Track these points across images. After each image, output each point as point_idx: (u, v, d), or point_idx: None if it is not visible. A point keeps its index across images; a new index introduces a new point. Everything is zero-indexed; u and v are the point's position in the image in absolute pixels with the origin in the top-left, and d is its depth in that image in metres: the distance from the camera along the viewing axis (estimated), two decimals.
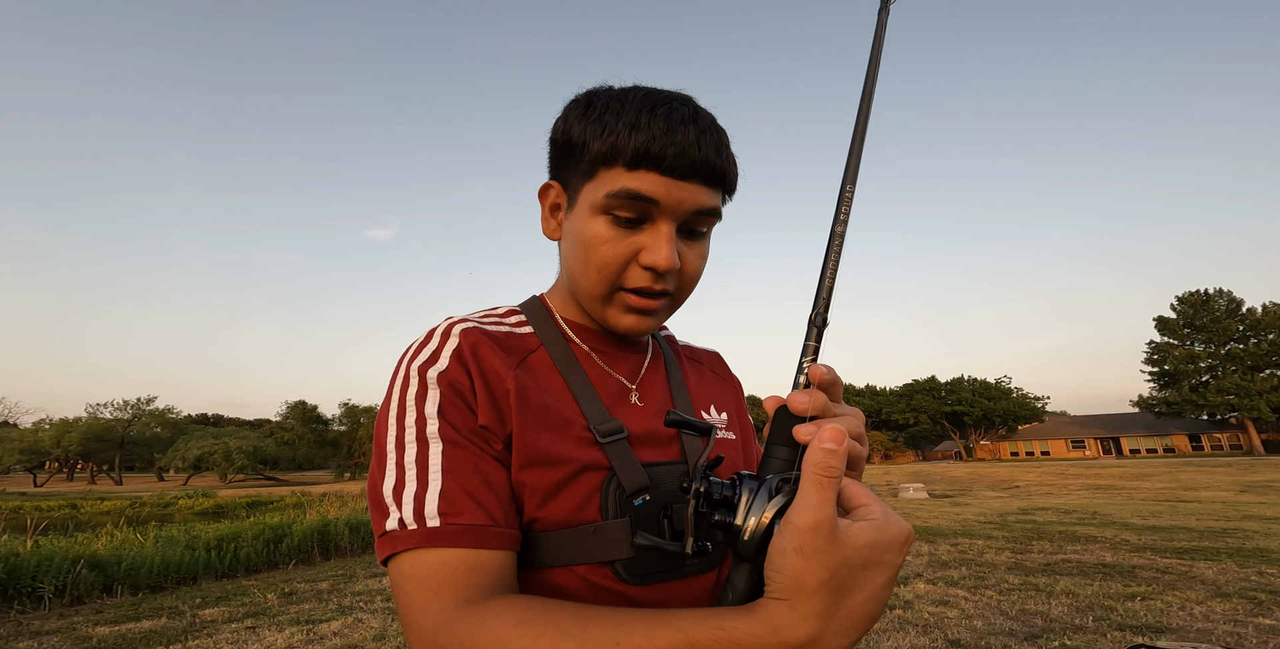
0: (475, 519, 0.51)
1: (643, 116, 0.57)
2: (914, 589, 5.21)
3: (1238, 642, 3.64)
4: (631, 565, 0.58)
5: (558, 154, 0.64)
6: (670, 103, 0.59)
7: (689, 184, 0.58)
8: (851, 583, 0.38)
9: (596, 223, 0.60)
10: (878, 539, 0.39)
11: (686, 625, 0.41)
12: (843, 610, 0.38)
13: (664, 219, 0.59)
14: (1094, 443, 57.66)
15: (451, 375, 0.57)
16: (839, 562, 0.37)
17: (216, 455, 51.59)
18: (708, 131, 0.59)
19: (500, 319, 0.68)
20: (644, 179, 0.57)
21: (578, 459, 0.58)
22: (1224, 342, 51.03)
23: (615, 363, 0.69)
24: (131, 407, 59.24)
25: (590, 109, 0.61)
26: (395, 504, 0.52)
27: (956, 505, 13.47)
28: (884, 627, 4.15)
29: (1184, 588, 4.97)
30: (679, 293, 0.64)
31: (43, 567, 5.78)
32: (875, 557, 0.39)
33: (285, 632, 4.49)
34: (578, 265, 0.63)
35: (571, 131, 0.61)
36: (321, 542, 8.72)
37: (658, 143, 0.56)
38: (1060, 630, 3.95)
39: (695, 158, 0.57)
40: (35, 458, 54.51)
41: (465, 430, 0.55)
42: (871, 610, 0.39)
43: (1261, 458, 36.36)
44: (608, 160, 0.58)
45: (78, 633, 4.60)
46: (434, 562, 0.49)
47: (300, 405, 60.82)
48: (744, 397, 0.87)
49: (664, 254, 0.58)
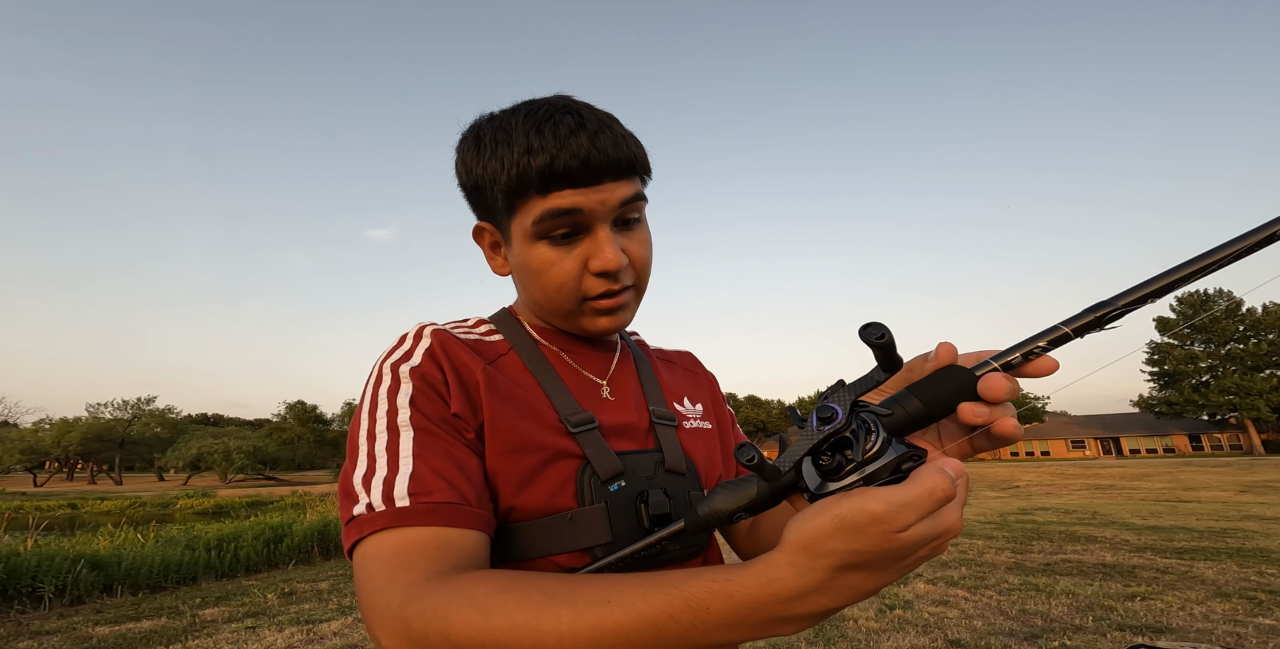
0: (446, 497, 0.51)
1: (532, 139, 0.57)
2: (914, 589, 5.21)
3: (1238, 642, 3.64)
4: (612, 551, 0.57)
5: (473, 198, 0.66)
6: (552, 116, 0.59)
7: (604, 185, 0.59)
8: (863, 567, 0.38)
9: (538, 249, 0.61)
10: (911, 545, 0.37)
11: (680, 580, 0.41)
12: (839, 582, 0.38)
13: (596, 223, 0.60)
14: (1094, 443, 57.65)
15: (424, 369, 0.59)
16: (867, 550, 0.37)
17: (216, 455, 51.63)
18: (599, 131, 0.59)
19: (470, 329, 0.70)
20: (560, 197, 0.58)
21: (550, 446, 0.59)
22: (1224, 342, 51.04)
23: (584, 361, 0.71)
24: (131, 407, 59.29)
25: (480, 146, 0.61)
26: (364, 490, 0.52)
27: None
28: (884, 627, 4.15)
29: (1184, 588, 4.97)
30: (639, 282, 0.66)
31: (43, 567, 5.77)
32: (898, 559, 0.39)
33: (285, 632, 4.49)
34: (537, 292, 0.64)
35: (474, 174, 0.62)
36: (321, 542, 8.72)
37: (557, 161, 0.57)
38: (1060, 630, 3.95)
39: (598, 161, 0.57)
40: (35, 458, 54.56)
41: (437, 418, 0.56)
42: (867, 588, 0.39)
43: (1261, 458, 36.38)
44: (519, 192, 0.59)
45: (78, 633, 4.61)
46: (403, 540, 0.48)
47: (299, 405, 60.84)
48: (719, 389, 0.88)
49: (609, 255, 0.59)
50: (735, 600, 0.39)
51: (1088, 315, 0.41)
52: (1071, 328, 0.41)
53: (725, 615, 0.40)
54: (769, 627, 0.40)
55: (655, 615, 0.40)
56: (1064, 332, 0.41)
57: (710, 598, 0.40)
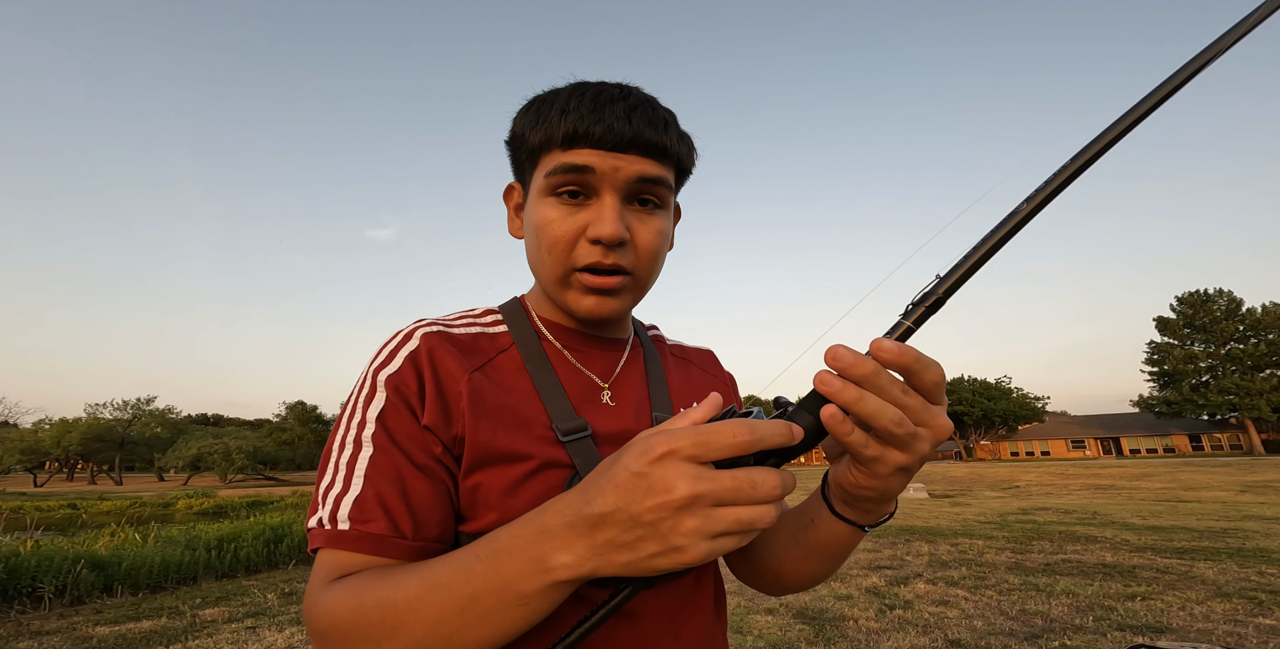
0: (379, 529, 0.52)
1: (572, 101, 0.59)
2: (914, 589, 5.21)
3: (1238, 642, 3.64)
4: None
5: (511, 154, 0.67)
6: (601, 87, 0.61)
7: (625, 155, 0.59)
8: (598, 469, 0.43)
9: (545, 205, 0.61)
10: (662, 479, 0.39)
11: (502, 527, 0.45)
12: (593, 487, 0.41)
13: (606, 190, 0.59)
14: (1094, 443, 57.64)
15: (400, 378, 0.58)
16: (623, 457, 0.40)
17: (216, 455, 51.56)
18: (640, 107, 0.60)
19: (475, 319, 0.68)
20: (578, 154, 0.59)
21: (538, 456, 0.58)
22: (1224, 342, 51.02)
23: (589, 360, 0.68)
24: (131, 407, 59.21)
25: (529, 106, 0.63)
26: (321, 502, 0.54)
27: (957, 505, 13.47)
28: (884, 627, 4.15)
29: (1184, 588, 4.97)
30: (638, 271, 0.62)
31: (43, 567, 5.77)
32: (620, 456, 0.41)
33: (285, 632, 4.50)
34: (534, 252, 0.64)
35: (515, 129, 0.64)
36: None
37: (584, 121, 0.58)
38: (1060, 630, 3.95)
39: (626, 132, 0.58)
40: (35, 458, 54.46)
41: (399, 436, 0.56)
42: (604, 508, 0.40)
43: (1261, 458, 36.36)
44: (545, 146, 0.60)
45: (78, 633, 4.60)
46: (335, 560, 0.52)
47: (299, 406, 60.82)
48: (737, 391, 0.85)
49: (609, 223, 0.58)
50: (519, 520, 0.44)
51: (919, 307, 0.44)
52: (910, 320, 0.44)
53: (506, 536, 0.44)
54: (537, 544, 0.42)
55: (466, 557, 0.44)
56: (906, 325, 0.44)
57: (504, 527, 0.45)
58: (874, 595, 5.03)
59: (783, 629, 4.16)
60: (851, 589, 5.26)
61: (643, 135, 0.58)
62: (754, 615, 4.51)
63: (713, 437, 0.38)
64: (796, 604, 4.80)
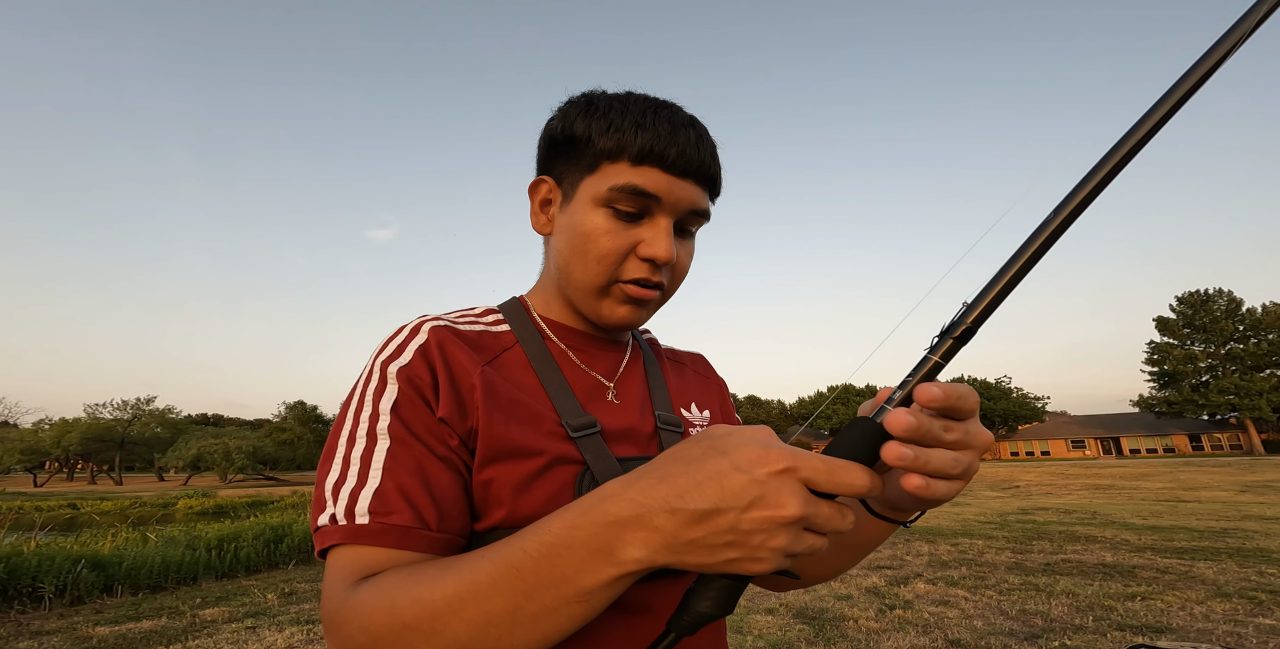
0: (403, 521, 0.50)
1: (648, 117, 0.60)
2: (914, 589, 5.21)
3: (1238, 642, 3.64)
4: None
5: (555, 150, 0.65)
6: (671, 107, 0.63)
7: (687, 183, 0.61)
8: (680, 457, 0.41)
9: (597, 215, 0.61)
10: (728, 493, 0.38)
11: (545, 521, 0.43)
12: (656, 473, 0.40)
13: (663, 214, 0.61)
14: (1094, 443, 57.62)
15: (412, 370, 0.56)
16: (679, 464, 0.40)
17: (216, 455, 51.51)
18: (704, 137, 0.63)
19: (476, 318, 0.67)
20: (648, 175, 0.59)
21: (549, 452, 0.57)
22: (1224, 342, 51.02)
23: (592, 361, 0.69)
24: (131, 407, 59.19)
25: (593, 107, 0.62)
26: (332, 499, 0.52)
27: (956, 505, 13.46)
28: (884, 627, 4.16)
29: (1184, 588, 4.97)
30: (670, 287, 0.66)
31: (43, 567, 5.77)
32: (721, 447, 0.40)
33: (285, 632, 4.50)
34: (575, 257, 0.63)
35: (574, 127, 0.62)
36: None
37: (662, 141, 0.59)
38: (1060, 630, 3.95)
39: (695, 159, 0.60)
40: (35, 458, 54.41)
41: (417, 428, 0.54)
42: (667, 520, 0.38)
43: (1261, 458, 36.35)
44: (613, 155, 0.60)
45: (78, 633, 4.61)
46: (357, 555, 0.49)
47: (299, 405, 60.80)
48: (729, 395, 0.86)
49: (664, 246, 0.60)
50: (570, 511, 0.41)
51: (947, 340, 0.41)
52: (938, 355, 0.41)
53: (559, 529, 0.41)
54: (604, 536, 0.39)
55: (512, 553, 0.41)
56: (934, 360, 0.41)
57: (550, 518, 0.42)
58: (874, 595, 5.03)
59: (783, 629, 4.16)
60: (851, 589, 5.26)
61: (705, 165, 0.61)
62: (754, 615, 4.51)
63: (841, 474, 0.38)
64: (796, 604, 4.80)
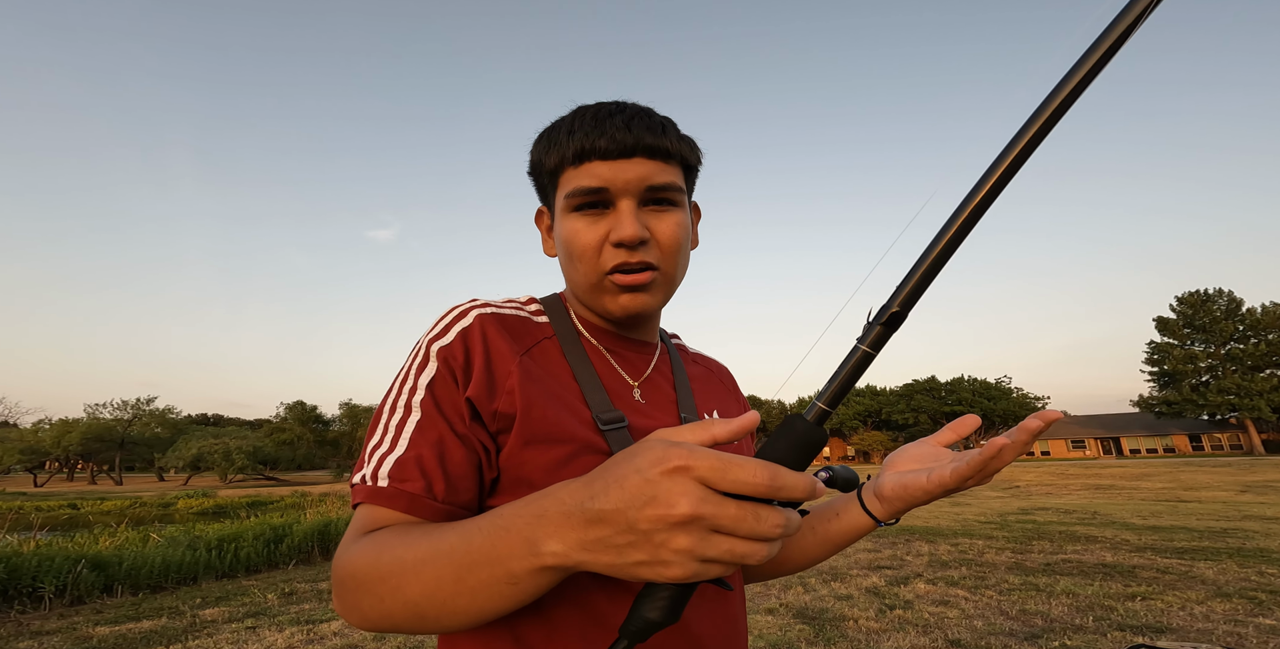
0: (414, 489, 0.56)
1: (575, 122, 0.66)
2: (914, 589, 5.21)
3: (1238, 642, 3.64)
4: None
5: (535, 181, 0.73)
6: (600, 105, 0.67)
7: (631, 161, 0.64)
8: (612, 480, 0.40)
9: (569, 220, 0.66)
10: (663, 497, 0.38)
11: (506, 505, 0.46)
12: (599, 483, 0.41)
13: (621, 198, 0.64)
14: (1094, 443, 57.64)
15: (451, 351, 0.62)
16: (625, 462, 0.40)
17: (216, 455, 51.49)
18: (637, 116, 0.65)
19: (521, 306, 0.73)
20: (590, 170, 0.64)
21: (581, 440, 0.62)
22: (1224, 342, 51.01)
23: (623, 361, 0.73)
24: (131, 407, 59.18)
25: (542, 135, 0.69)
26: (368, 460, 0.59)
27: (956, 505, 13.47)
28: (884, 627, 4.16)
29: (1184, 588, 4.97)
30: (664, 265, 0.67)
31: (43, 567, 5.77)
32: (632, 457, 0.40)
33: (285, 632, 4.50)
34: (568, 264, 0.68)
35: (532, 158, 0.70)
36: (322, 542, 8.72)
37: (589, 136, 0.63)
38: (1060, 630, 3.95)
39: (628, 140, 0.63)
40: (35, 458, 54.45)
41: (445, 405, 0.60)
42: (602, 507, 0.39)
43: (1261, 458, 36.37)
44: (560, 166, 0.66)
45: (78, 633, 4.61)
46: (370, 515, 0.56)
47: (299, 405, 60.76)
48: (748, 408, 0.89)
49: (627, 227, 0.63)
50: (521, 502, 0.45)
51: (875, 327, 0.41)
52: (866, 344, 0.42)
53: (507, 514, 0.44)
54: (532, 527, 0.42)
55: (469, 529, 0.46)
56: (863, 350, 0.42)
57: (509, 505, 0.46)
58: (874, 595, 5.04)
59: (783, 629, 4.16)
60: (851, 589, 5.27)
61: (644, 141, 0.64)
62: (754, 615, 4.51)
63: (734, 469, 0.37)
64: (796, 604, 4.80)
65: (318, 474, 64.65)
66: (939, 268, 0.42)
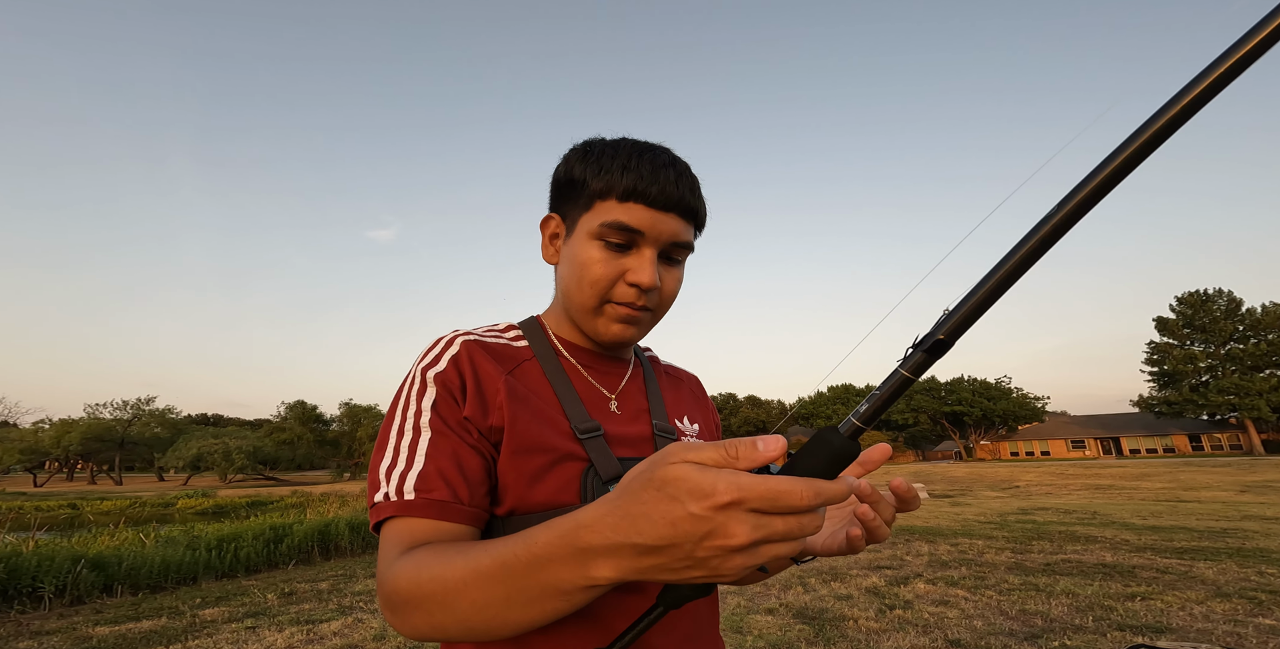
0: (442, 496, 0.61)
1: (633, 159, 0.71)
2: (914, 589, 5.21)
3: (1238, 642, 3.64)
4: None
5: (559, 191, 0.77)
6: (654, 150, 0.74)
7: (668, 216, 0.71)
8: (638, 495, 0.41)
9: (591, 247, 0.72)
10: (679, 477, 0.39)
11: (534, 531, 0.48)
12: (620, 510, 0.42)
13: (647, 245, 0.71)
14: (1094, 443, 57.64)
15: (446, 376, 0.69)
16: (648, 487, 0.41)
17: (216, 455, 51.48)
18: (685, 175, 0.73)
19: (500, 333, 0.79)
20: (633, 211, 0.70)
21: (560, 449, 0.68)
22: (1224, 342, 51.01)
23: (599, 375, 0.80)
24: (131, 407, 59.15)
25: (589, 153, 0.74)
26: (385, 480, 0.63)
27: (956, 505, 13.47)
28: (884, 627, 4.16)
29: (1184, 588, 4.97)
30: (658, 309, 0.76)
31: (43, 567, 5.78)
32: (669, 489, 0.40)
33: (285, 632, 4.50)
34: (574, 283, 0.74)
35: (573, 172, 0.74)
36: (321, 542, 8.73)
37: (644, 180, 0.69)
38: (1060, 630, 3.95)
39: (675, 195, 0.70)
40: (35, 458, 54.42)
41: (451, 422, 0.66)
42: (644, 537, 0.40)
43: (1261, 458, 36.37)
44: (603, 194, 0.71)
45: (78, 633, 4.61)
46: (405, 526, 0.60)
47: (299, 405, 60.79)
48: (718, 417, 0.98)
49: (648, 273, 0.70)
50: (553, 529, 0.46)
51: (918, 353, 0.41)
52: (907, 369, 0.41)
53: (543, 543, 0.46)
54: (578, 558, 0.43)
55: (504, 553, 0.48)
56: (903, 375, 0.41)
57: (538, 530, 0.47)
58: (874, 595, 5.04)
59: (783, 629, 4.16)
60: (851, 589, 5.27)
61: (685, 200, 0.71)
62: (754, 615, 4.51)
63: (784, 498, 0.38)
64: (796, 604, 4.80)
65: (318, 474, 64.66)
66: (993, 300, 0.41)
